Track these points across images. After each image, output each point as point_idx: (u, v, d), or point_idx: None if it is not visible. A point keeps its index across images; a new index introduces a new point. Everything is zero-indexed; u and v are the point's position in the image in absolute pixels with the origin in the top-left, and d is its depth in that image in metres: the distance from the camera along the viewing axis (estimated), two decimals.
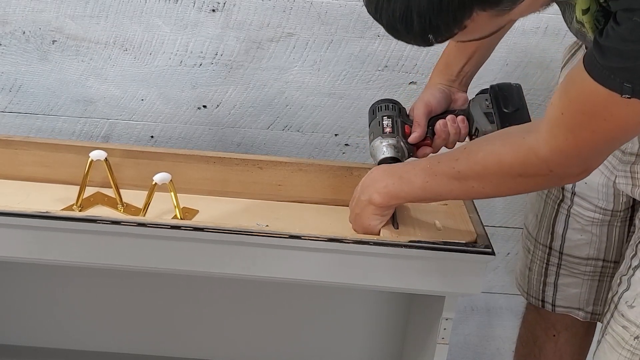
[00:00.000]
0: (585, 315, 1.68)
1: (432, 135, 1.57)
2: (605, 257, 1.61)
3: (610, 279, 1.62)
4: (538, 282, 1.69)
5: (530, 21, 1.75)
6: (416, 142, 1.57)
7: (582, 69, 1.16)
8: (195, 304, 1.94)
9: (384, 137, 1.56)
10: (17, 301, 1.94)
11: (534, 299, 1.72)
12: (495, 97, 1.57)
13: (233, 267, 1.46)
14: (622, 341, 1.43)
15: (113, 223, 1.42)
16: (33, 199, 1.64)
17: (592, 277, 1.64)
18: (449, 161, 1.38)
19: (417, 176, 1.40)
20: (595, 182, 1.53)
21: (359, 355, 1.98)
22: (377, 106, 1.62)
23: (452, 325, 1.56)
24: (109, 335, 1.97)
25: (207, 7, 1.82)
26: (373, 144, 1.58)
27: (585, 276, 1.64)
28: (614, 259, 1.61)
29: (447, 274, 1.45)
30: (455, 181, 1.36)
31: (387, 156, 1.55)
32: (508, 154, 1.30)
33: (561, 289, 1.67)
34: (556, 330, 1.73)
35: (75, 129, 1.94)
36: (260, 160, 1.71)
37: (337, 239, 1.43)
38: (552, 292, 1.69)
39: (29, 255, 1.48)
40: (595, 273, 1.64)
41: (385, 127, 1.57)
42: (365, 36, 1.84)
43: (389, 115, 1.59)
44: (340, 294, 1.90)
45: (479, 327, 2.17)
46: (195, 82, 1.89)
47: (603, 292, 1.65)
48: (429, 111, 1.57)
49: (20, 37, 1.85)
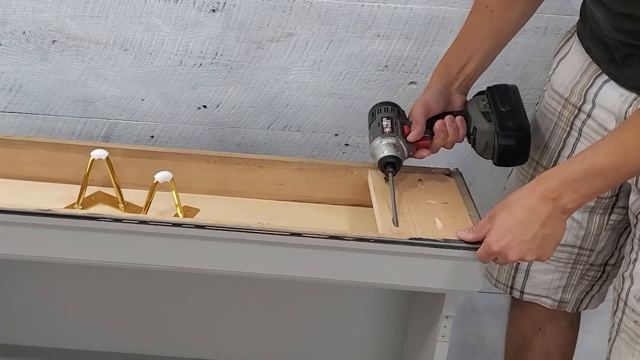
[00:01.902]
0: (552, 303, 1.68)
1: (431, 136, 1.59)
2: (582, 244, 1.62)
3: (582, 266, 1.63)
4: (510, 267, 1.70)
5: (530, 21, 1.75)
6: (415, 140, 1.58)
7: None
8: (195, 303, 1.94)
9: (384, 136, 1.58)
10: (17, 300, 1.94)
11: (503, 285, 1.72)
12: (492, 97, 1.59)
13: (234, 264, 1.47)
14: (636, 336, 1.45)
15: (115, 221, 1.43)
16: (34, 198, 1.65)
17: (565, 264, 1.64)
18: (633, 134, 1.33)
19: (604, 159, 1.34)
20: None
21: (359, 353, 1.98)
22: (377, 108, 1.64)
23: (452, 323, 1.56)
24: (110, 335, 1.97)
25: (207, 7, 1.83)
26: (373, 143, 1.59)
27: (559, 263, 1.64)
28: (590, 247, 1.62)
29: (448, 272, 1.46)
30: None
31: (386, 154, 1.56)
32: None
33: (532, 275, 1.68)
34: (541, 323, 1.73)
35: (75, 129, 1.94)
36: (261, 159, 1.72)
37: (338, 236, 1.44)
38: (523, 279, 1.69)
39: (30, 253, 1.48)
40: (569, 260, 1.64)
41: (384, 127, 1.59)
42: (365, 36, 1.85)
43: (388, 117, 1.61)
44: (340, 291, 1.90)
45: (479, 327, 2.17)
46: (195, 82, 1.90)
47: (573, 279, 1.66)
48: (428, 111, 1.58)
49: (20, 37, 1.85)
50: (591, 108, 1.50)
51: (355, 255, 1.45)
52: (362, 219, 1.68)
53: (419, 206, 1.58)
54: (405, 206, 1.58)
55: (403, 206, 1.57)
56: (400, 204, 1.58)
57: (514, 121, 1.56)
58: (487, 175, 1.99)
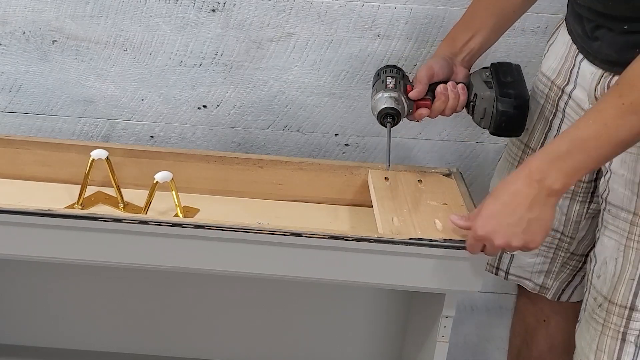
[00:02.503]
0: (534, 286, 1.70)
1: (432, 98, 1.60)
2: (564, 230, 1.63)
3: (564, 254, 1.65)
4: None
5: (530, 21, 1.75)
6: (417, 97, 1.59)
7: None
8: (195, 303, 1.94)
9: (386, 90, 1.58)
10: (17, 300, 1.94)
11: (489, 266, 1.73)
12: (496, 70, 1.62)
13: (234, 264, 1.47)
14: (593, 313, 1.47)
15: (115, 221, 1.43)
16: (34, 198, 1.65)
17: (547, 249, 1.65)
18: (610, 102, 1.31)
19: (584, 131, 1.32)
20: None
21: (359, 353, 1.98)
22: (382, 69, 1.65)
23: (452, 323, 1.56)
24: (109, 335, 1.97)
25: (207, 7, 1.83)
26: (375, 96, 1.60)
27: (542, 247, 1.65)
28: (571, 234, 1.63)
29: (447, 272, 1.46)
30: (632, 116, 1.29)
31: (387, 106, 1.56)
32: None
33: (517, 257, 1.69)
34: (545, 314, 1.74)
35: (75, 129, 1.94)
36: (261, 159, 1.72)
37: (338, 236, 1.44)
38: (509, 260, 1.70)
39: (30, 253, 1.48)
40: (551, 245, 1.65)
41: (388, 83, 1.60)
42: (365, 36, 1.85)
43: (392, 76, 1.62)
44: (340, 291, 1.91)
45: (479, 327, 2.17)
46: (195, 82, 1.90)
47: (555, 266, 1.67)
48: (431, 75, 1.60)
49: (20, 37, 1.85)
50: (572, 89, 1.52)
51: (355, 255, 1.45)
52: (362, 219, 1.68)
53: (419, 206, 1.58)
54: (405, 206, 1.58)
55: (403, 206, 1.57)
56: (400, 204, 1.58)
57: (514, 90, 1.58)
58: (487, 175, 1.99)
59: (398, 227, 1.50)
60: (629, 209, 1.42)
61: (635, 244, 1.42)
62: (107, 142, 1.93)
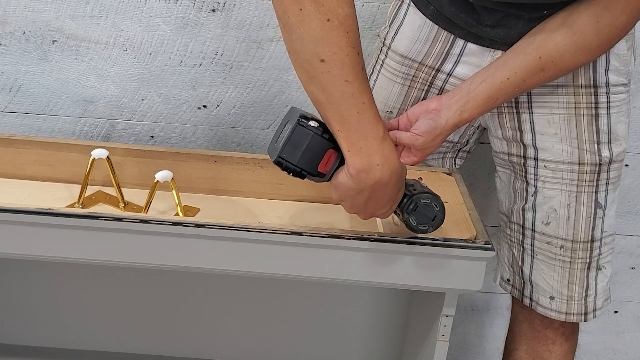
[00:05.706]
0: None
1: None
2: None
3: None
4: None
5: None
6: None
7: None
8: (195, 303, 1.94)
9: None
10: (17, 300, 1.94)
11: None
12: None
13: (234, 263, 1.47)
14: (552, 254, 1.61)
15: (115, 220, 1.43)
16: (35, 197, 1.65)
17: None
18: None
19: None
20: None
21: (359, 352, 1.98)
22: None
23: (452, 322, 1.56)
24: (110, 335, 1.98)
25: (207, 7, 1.83)
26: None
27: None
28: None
29: (448, 271, 1.46)
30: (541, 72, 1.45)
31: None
32: (593, 42, 1.41)
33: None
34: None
35: (75, 129, 1.94)
36: (261, 159, 1.72)
37: (338, 235, 1.44)
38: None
39: (31, 252, 1.48)
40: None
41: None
42: (365, 36, 1.85)
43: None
44: (340, 290, 1.91)
45: (479, 327, 2.18)
46: (195, 82, 1.90)
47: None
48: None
49: (20, 37, 1.86)
50: (452, 67, 1.57)
51: (355, 254, 1.45)
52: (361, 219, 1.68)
53: None
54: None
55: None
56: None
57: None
58: (487, 175, 1.99)
59: (398, 226, 1.50)
60: (571, 161, 1.55)
61: (586, 188, 1.57)
62: (107, 142, 1.93)
